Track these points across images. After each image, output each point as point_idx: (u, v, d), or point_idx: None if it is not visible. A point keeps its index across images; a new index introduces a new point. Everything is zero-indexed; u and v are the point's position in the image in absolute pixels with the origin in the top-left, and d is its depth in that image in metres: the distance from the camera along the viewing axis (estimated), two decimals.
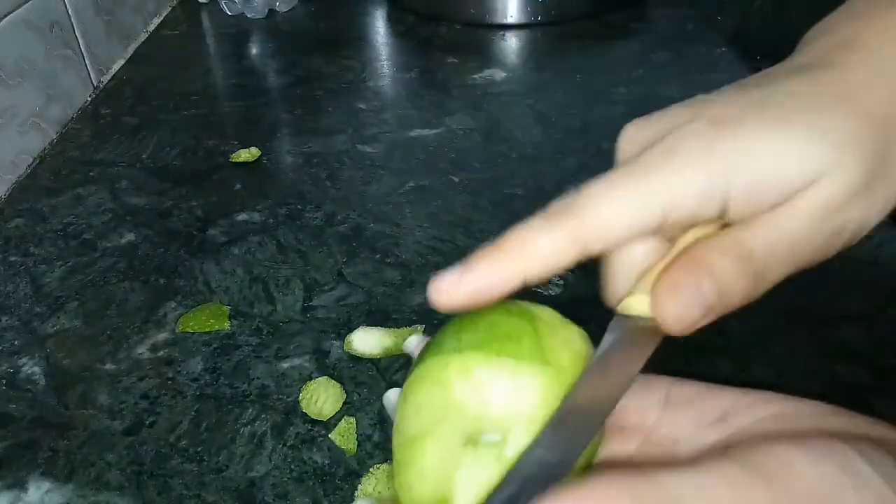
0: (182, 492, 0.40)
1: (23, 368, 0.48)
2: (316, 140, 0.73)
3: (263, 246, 0.58)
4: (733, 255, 0.22)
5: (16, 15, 0.70)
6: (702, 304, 0.22)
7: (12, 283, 0.55)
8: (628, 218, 0.22)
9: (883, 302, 0.49)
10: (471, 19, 0.96)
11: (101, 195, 0.65)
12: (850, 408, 0.44)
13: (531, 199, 0.61)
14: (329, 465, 0.41)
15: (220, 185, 0.66)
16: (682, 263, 0.22)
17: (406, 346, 0.28)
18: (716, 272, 0.22)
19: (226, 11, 1.03)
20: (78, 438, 0.43)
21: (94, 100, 0.82)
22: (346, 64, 0.88)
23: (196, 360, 0.48)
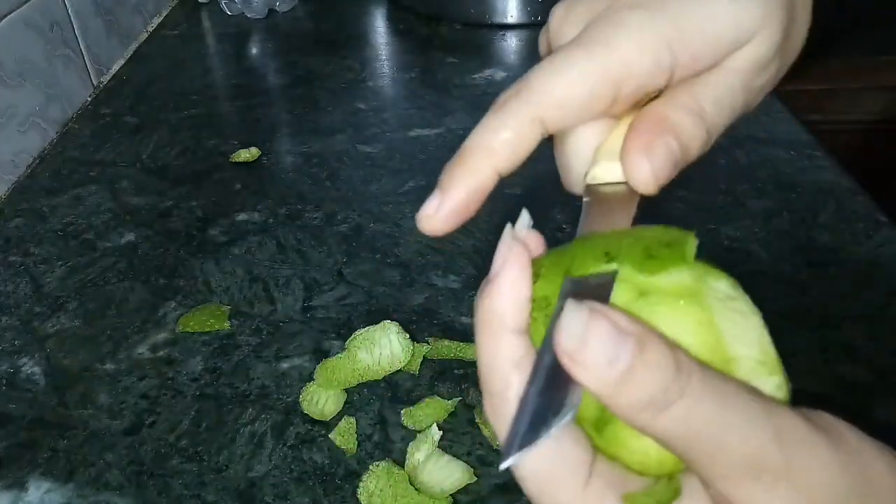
0: (182, 492, 0.40)
1: (23, 368, 0.48)
2: (316, 140, 0.73)
3: (263, 246, 0.58)
4: (689, 111, 0.23)
5: (16, 15, 0.70)
6: (671, 161, 0.23)
7: (12, 283, 0.55)
8: (583, 92, 0.23)
9: (883, 302, 0.49)
10: (471, 19, 0.96)
11: (101, 195, 0.65)
12: (851, 407, 0.44)
13: (531, 198, 0.61)
14: (329, 465, 0.41)
15: (220, 185, 0.66)
16: (648, 125, 0.23)
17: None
18: (679, 129, 0.23)
19: (226, 11, 1.03)
20: (78, 438, 0.43)
21: (94, 100, 0.82)
22: (346, 64, 0.88)
23: (196, 360, 0.48)
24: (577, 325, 0.18)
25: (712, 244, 0.55)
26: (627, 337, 0.18)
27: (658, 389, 0.18)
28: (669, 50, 0.22)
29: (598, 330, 0.18)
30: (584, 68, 0.23)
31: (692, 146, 0.23)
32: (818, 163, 0.64)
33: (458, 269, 0.54)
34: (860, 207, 0.58)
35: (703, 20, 0.23)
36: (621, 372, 0.18)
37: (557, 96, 0.23)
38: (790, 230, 0.56)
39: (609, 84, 0.23)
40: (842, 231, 0.55)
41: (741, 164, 0.64)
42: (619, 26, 0.23)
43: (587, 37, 0.23)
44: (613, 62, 0.22)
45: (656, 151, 0.23)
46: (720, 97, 0.24)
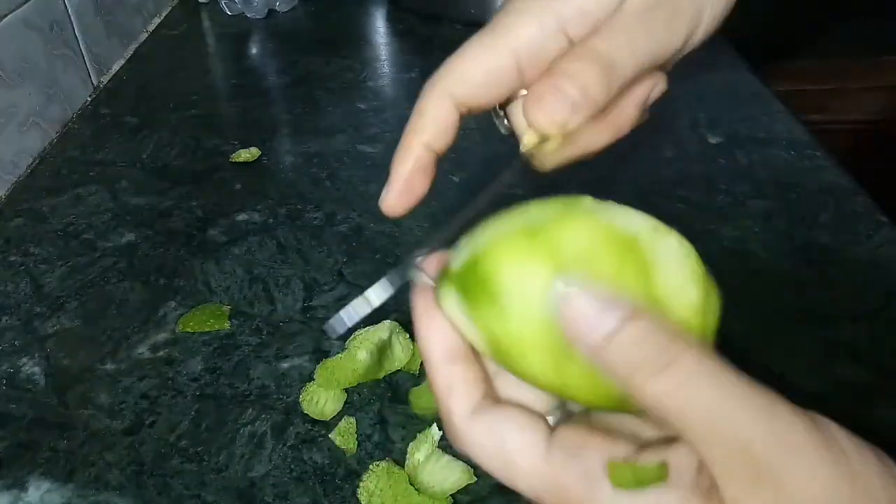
0: (182, 492, 0.40)
1: (23, 368, 0.48)
2: (316, 140, 0.73)
3: (263, 246, 0.58)
4: (580, 57, 0.25)
5: (16, 15, 0.69)
6: (565, 100, 0.24)
7: (12, 283, 0.55)
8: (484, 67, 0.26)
9: (883, 302, 0.49)
10: (471, 19, 0.96)
11: (101, 195, 0.65)
12: (851, 407, 0.44)
13: (531, 198, 0.61)
14: (329, 465, 0.41)
15: (220, 185, 0.66)
16: (541, 80, 0.25)
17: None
18: (569, 72, 0.25)
19: (226, 11, 1.03)
20: (78, 438, 0.43)
21: (94, 100, 0.82)
22: (346, 64, 0.88)
23: (196, 360, 0.48)
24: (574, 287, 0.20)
25: (712, 244, 0.55)
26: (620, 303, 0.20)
27: (651, 352, 0.19)
28: (553, 15, 0.25)
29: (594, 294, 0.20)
30: (479, 45, 0.26)
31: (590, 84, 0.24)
32: (818, 163, 0.64)
33: None
34: (860, 207, 0.58)
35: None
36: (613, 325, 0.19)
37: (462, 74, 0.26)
38: (790, 230, 0.56)
39: (505, 59, 0.26)
40: (842, 231, 0.55)
41: (741, 164, 0.64)
42: (508, 11, 0.26)
43: (484, 28, 0.27)
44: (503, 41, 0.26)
45: (546, 95, 0.25)
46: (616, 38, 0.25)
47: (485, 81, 0.26)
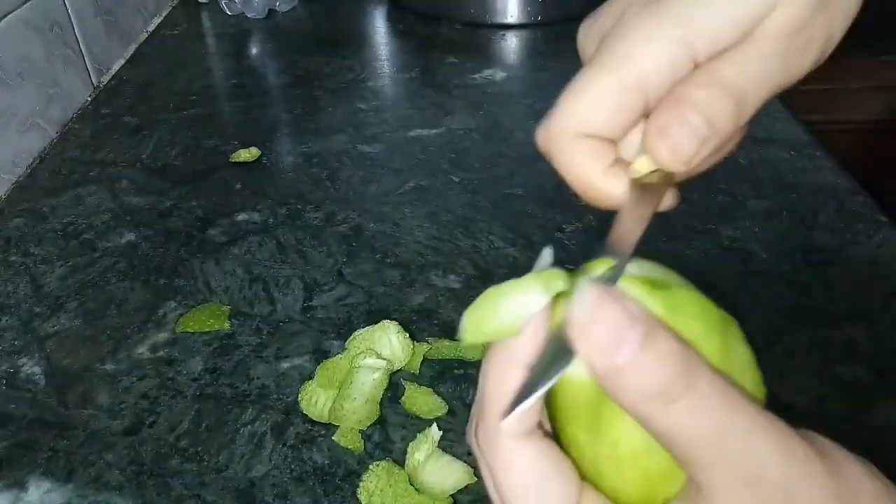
0: (182, 492, 0.40)
1: (23, 368, 0.48)
2: (316, 140, 0.73)
3: (263, 246, 0.58)
4: (710, 85, 0.23)
5: (16, 15, 0.69)
6: (693, 135, 0.23)
7: (12, 283, 0.55)
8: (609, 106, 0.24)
9: (883, 302, 0.49)
10: (471, 19, 0.96)
11: (101, 195, 0.65)
12: (851, 407, 0.44)
13: (531, 198, 0.61)
14: (329, 465, 0.41)
15: (220, 185, 0.66)
16: (664, 107, 0.23)
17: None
18: (697, 103, 0.23)
19: (226, 11, 1.03)
20: (78, 438, 0.43)
21: (94, 100, 0.82)
22: (346, 64, 0.88)
23: (196, 360, 0.48)
24: (589, 300, 0.18)
25: (712, 244, 0.55)
26: (636, 323, 0.18)
27: (666, 380, 0.18)
28: (682, 44, 0.23)
29: (609, 309, 0.18)
30: (601, 85, 0.24)
31: (719, 117, 0.23)
32: (818, 163, 0.64)
33: (458, 269, 0.54)
34: (860, 207, 0.58)
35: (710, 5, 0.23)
36: (629, 356, 0.18)
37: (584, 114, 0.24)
38: (790, 230, 0.56)
39: (632, 93, 0.23)
40: (842, 231, 0.55)
41: (741, 164, 0.64)
42: (626, 37, 0.24)
43: (600, 53, 0.24)
44: (628, 73, 0.23)
45: (672, 128, 0.23)
46: (748, 65, 0.23)
47: (611, 119, 0.24)
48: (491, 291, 0.21)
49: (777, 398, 0.43)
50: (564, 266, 0.23)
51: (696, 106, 0.23)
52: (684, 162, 0.23)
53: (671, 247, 0.54)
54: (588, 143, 0.24)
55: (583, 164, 0.25)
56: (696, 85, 0.23)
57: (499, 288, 0.21)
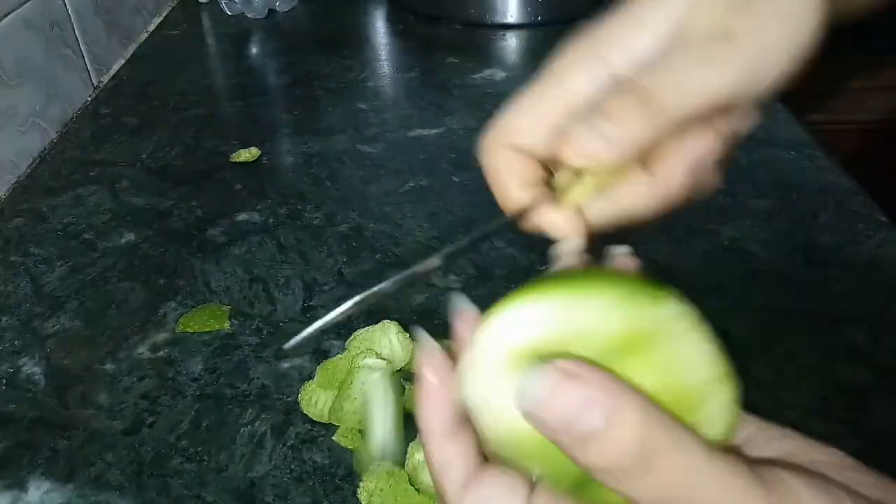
0: (182, 492, 0.40)
1: (23, 368, 0.48)
2: (316, 140, 0.73)
3: (263, 246, 0.58)
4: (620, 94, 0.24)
5: (16, 15, 0.69)
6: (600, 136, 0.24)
7: (12, 283, 0.55)
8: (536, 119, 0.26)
9: (883, 302, 0.49)
10: (471, 19, 0.96)
11: (101, 195, 0.65)
12: (851, 408, 0.44)
13: None
14: (329, 465, 0.41)
15: (220, 185, 0.66)
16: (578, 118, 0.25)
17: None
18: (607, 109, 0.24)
19: (226, 11, 1.03)
20: (78, 438, 0.43)
21: (94, 100, 0.82)
22: (346, 64, 0.88)
23: (196, 360, 0.48)
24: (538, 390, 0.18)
25: (712, 244, 0.55)
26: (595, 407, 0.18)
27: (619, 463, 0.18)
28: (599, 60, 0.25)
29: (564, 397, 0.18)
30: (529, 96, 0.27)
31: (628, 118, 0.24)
32: (818, 163, 0.64)
33: (458, 269, 0.54)
34: (860, 207, 0.58)
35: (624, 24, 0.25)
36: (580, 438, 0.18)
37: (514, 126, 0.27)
38: (790, 230, 0.56)
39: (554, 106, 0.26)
40: (842, 231, 0.55)
41: (741, 164, 0.64)
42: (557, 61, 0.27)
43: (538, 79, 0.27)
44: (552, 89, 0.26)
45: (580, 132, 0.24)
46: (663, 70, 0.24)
47: (538, 132, 0.26)
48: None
49: (777, 398, 0.43)
50: None
51: (603, 112, 0.24)
52: (589, 157, 0.24)
53: (671, 247, 0.54)
54: (510, 154, 0.27)
55: (501, 171, 0.27)
56: (609, 94, 0.24)
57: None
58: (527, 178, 0.27)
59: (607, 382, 0.18)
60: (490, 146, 0.28)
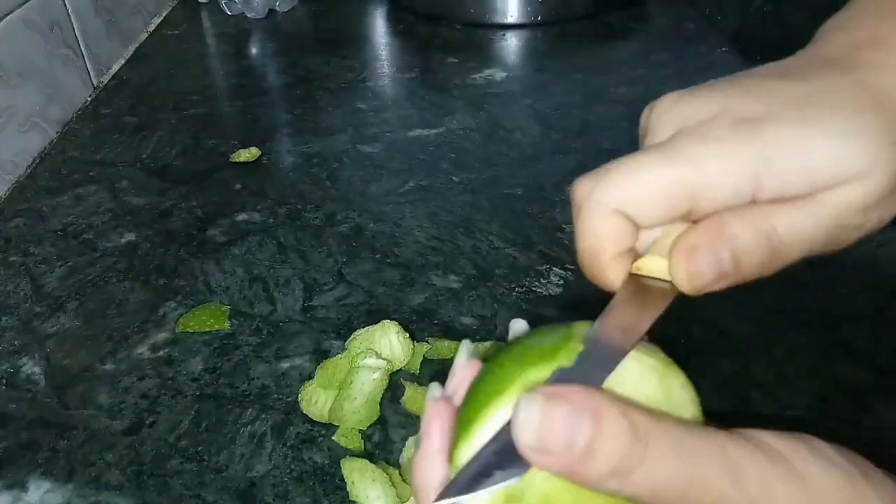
0: (182, 492, 0.40)
1: (23, 368, 0.48)
2: (316, 140, 0.73)
3: (263, 246, 0.58)
4: (755, 228, 0.22)
5: (16, 15, 0.70)
6: (716, 268, 0.23)
7: (12, 283, 0.55)
8: (658, 200, 0.23)
9: (883, 302, 0.49)
10: (471, 19, 0.96)
11: (101, 195, 0.65)
12: (851, 408, 0.44)
13: (531, 199, 0.61)
14: (329, 465, 0.41)
15: (220, 185, 0.66)
16: (704, 227, 0.23)
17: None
18: (735, 240, 0.22)
19: (226, 11, 1.03)
20: (78, 438, 0.43)
21: (94, 100, 0.82)
22: (346, 64, 0.88)
23: (196, 360, 0.48)
24: (533, 418, 0.19)
25: None
26: (583, 414, 0.19)
27: (619, 458, 0.19)
28: (754, 178, 0.22)
29: (556, 416, 0.19)
30: (661, 175, 0.23)
31: (748, 262, 0.23)
32: None
33: (458, 269, 0.54)
34: None
35: (798, 152, 0.22)
36: (581, 451, 0.19)
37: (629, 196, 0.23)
38: None
39: (684, 196, 0.23)
40: None
41: None
42: (708, 144, 0.23)
43: (673, 145, 0.23)
44: (691, 177, 0.23)
45: (702, 254, 0.23)
46: (801, 225, 0.23)
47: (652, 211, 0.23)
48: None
49: (777, 398, 0.43)
50: (564, 266, 0.23)
51: (732, 241, 0.22)
52: (697, 288, 0.23)
53: None
54: (618, 220, 0.24)
55: (602, 239, 0.24)
56: (742, 219, 0.23)
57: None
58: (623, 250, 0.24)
59: (584, 391, 0.19)
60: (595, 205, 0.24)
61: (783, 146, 0.22)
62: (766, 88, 0.24)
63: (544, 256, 0.55)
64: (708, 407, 0.23)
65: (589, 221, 0.24)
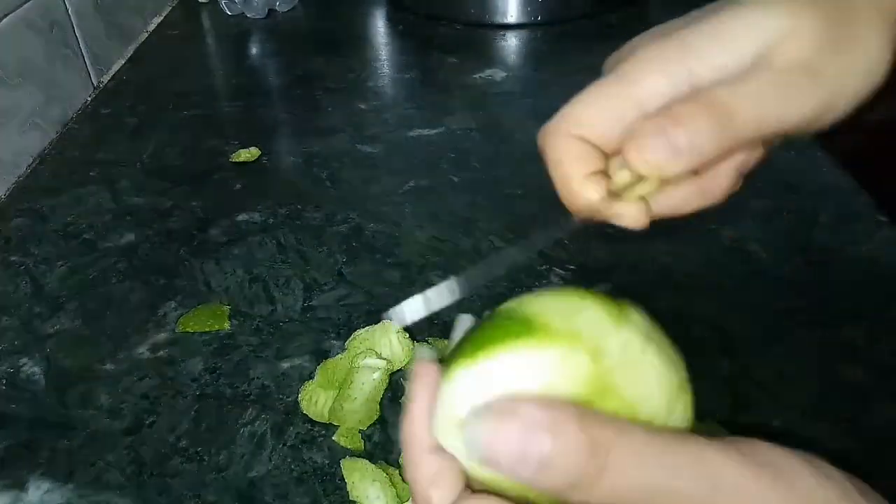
0: (182, 492, 0.40)
1: (23, 368, 0.48)
2: (316, 140, 0.73)
3: (263, 246, 0.58)
4: (697, 102, 0.23)
5: (16, 15, 0.70)
6: (668, 144, 0.23)
7: (12, 283, 0.55)
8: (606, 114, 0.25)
9: (883, 302, 0.49)
10: (471, 19, 0.96)
11: (101, 195, 0.65)
12: (851, 408, 0.44)
13: (531, 199, 0.61)
14: (329, 465, 0.41)
15: (220, 185, 0.66)
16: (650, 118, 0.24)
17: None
18: (680, 116, 0.23)
19: (226, 11, 1.03)
20: (78, 438, 0.43)
21: (94, 100, 0.82)
22: (346, 64, 0.88)
23: (196, 360, 0.48)
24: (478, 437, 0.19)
25: (712, 244, 0.55)
26: (536, 431, 0.19)
27: (576, 475, 0.19)
28: (683, 67, 0.24)
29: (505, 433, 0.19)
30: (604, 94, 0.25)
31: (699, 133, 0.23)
32: (818, 163, 0.64)
33: (458, 269, 0.54)
34: (860, 207, 0.58)
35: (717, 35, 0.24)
36: (535, 467, 0.19)
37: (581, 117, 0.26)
38: (790, 230, 0.56)
39: (628, 105, 0.25)
40: (842, 231, 0.55)
41: None
42: (637, 59, 0.25)
43: (612, 72, 0.26)
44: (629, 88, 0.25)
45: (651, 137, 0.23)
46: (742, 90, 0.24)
47: (607, 128, 0.25)
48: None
49: (777, 398, 0.43)
50: (564, 266, 0.23)
51: (678, 119, 0.23)
52: (656, 167, 0.24)
53: (671, 247, 0.54)
54: (578, 144, 0.26)
55: (568, 163, 0.26)
56: (684, 102, 0.24)
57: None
58: (592, 171, 0.26)
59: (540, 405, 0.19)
60: (555, 135, 0.26)
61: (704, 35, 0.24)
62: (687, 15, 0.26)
63: (544, 256, 0.55)
64: (708, 407, 0.23)
65: (553, 150, 0.26)
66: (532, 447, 0.19)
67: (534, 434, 0.19)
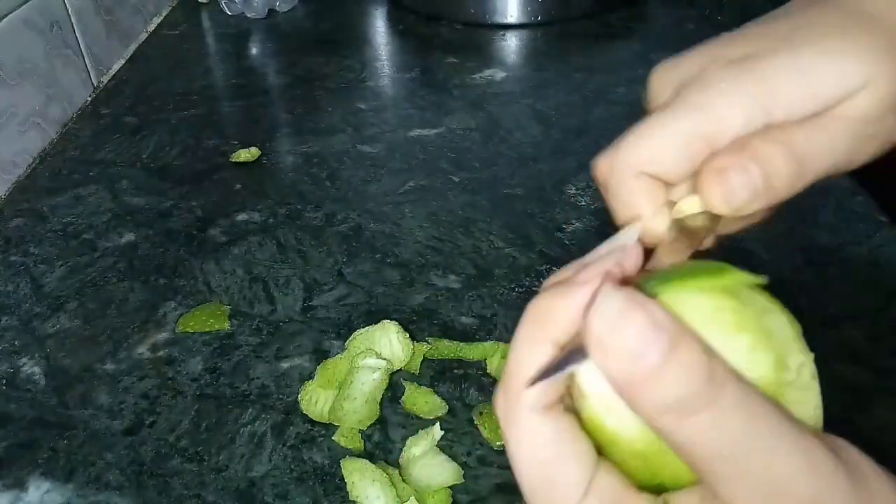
0: (182, 492, 0.40)
1: (23, 368, 0.48)
2: (316, 140, 0.73)
3: (263, 246, 0.58)
4: (777, 142, 0.23)
5: (16, 15, 0.70)
6: (748, 186, 0.23)
7: (12, 283, 0.55)
8: (679, 153, 0.24)
9: (883, 302, 0.49)
10: (471, 19, 0.96)
11: (101, 195, 0.65)
12: (851, 408, 0.44)
13: (531, 199, 0.61)
14: (329, 465, 0.41)
15: (220, 185, 0.66)
16: (727, 149, 0.23)
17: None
18: (760, 156, 0.23)
19: (226, 11, 1.03)
20: (78, 438, 0.43)
21: (94, 100, 0.82)
22: (346, 64, 0.88)
23: (196, 360, 0.48)
24: (611, 309, 0.17)
25: (712, 244, 0.54)
26: (661, 332, 0.17)
27: (686, 393, 0.17)
28: (760, 107, 0.23)
29: (632, 319, 0.17)
30: (672, 128, 0.24)
31: (777, 175, 0.23)
32: None
33: (458, 269, 0.54)
34: (860, 207, 0.58)
35: (798, 74, 0.23)
36: (648, 368, 0.17)
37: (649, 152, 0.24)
38: (790, 230, 0.56)
39: (700, 142, 0.24)
40: (842, 231, 0.55)
41: None
42: (708, 88, 0.24)
43: (677, 99, 0.24)
44: (701, 122, 0.23)
45: (730, 173, 0.23)
46: (818, 137, 0.23)
47: (675, 164, 0.24)
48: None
49: None
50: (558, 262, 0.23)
51: (758, 157, 0.23)
52: (733, 208, 0.23)
53: None
54: (647, 182, 0.25)
55: (639, 202, 0.25)
56: (763, 139, 0.23)
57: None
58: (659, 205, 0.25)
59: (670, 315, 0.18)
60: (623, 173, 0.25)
61: (782, 72, 0.23)
62: (752, 33, 0.25)
63: (544, 256, 0.55)
64: None
65: (618, 192, 0.25)
66: (652, 346, 0.17)
67: (657, 333, 0.17)
